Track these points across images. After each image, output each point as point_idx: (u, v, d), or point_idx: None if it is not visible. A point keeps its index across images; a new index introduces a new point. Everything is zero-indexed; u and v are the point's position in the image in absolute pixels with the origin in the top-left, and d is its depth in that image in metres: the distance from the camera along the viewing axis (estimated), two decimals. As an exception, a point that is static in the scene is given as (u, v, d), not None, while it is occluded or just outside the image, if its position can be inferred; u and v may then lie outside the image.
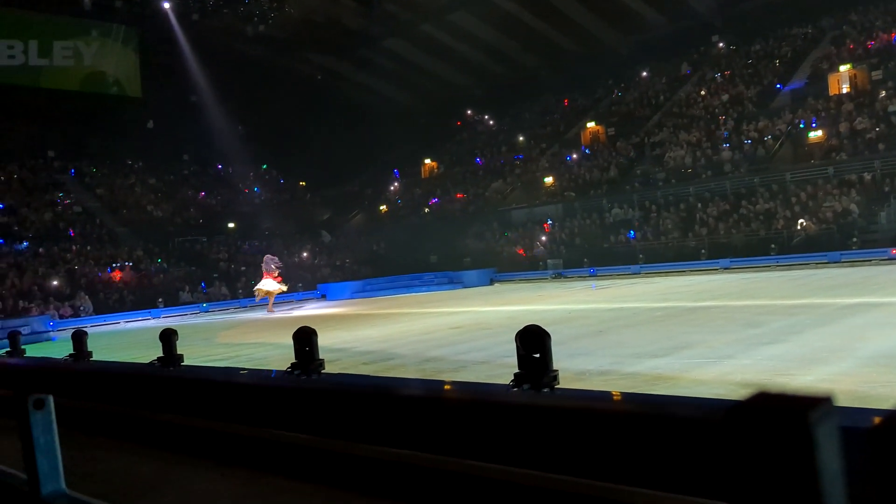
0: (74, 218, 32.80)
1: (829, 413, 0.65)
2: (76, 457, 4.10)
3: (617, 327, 10.65)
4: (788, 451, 0.64)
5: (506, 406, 0.96)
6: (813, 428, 0.63)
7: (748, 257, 22.96)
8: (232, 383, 1.82)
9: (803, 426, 0.64)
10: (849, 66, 28.11)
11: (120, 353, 12.78)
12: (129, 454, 4.27)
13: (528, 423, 0.93)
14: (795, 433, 0.64)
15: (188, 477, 3.72)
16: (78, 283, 26.78)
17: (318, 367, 4.25)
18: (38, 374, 2.00)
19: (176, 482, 3.66)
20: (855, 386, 5.41)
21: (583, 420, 0.84)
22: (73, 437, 4.48)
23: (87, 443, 4.44)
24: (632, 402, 1.05)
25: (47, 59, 36.10)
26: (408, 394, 1.43)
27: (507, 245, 31.13)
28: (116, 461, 4.18)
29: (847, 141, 25.10)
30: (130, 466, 4.04)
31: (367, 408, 1.45)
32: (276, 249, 32.49)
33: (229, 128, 40.53)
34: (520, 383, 3.35)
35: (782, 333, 8.44)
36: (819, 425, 0.63)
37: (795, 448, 0.64)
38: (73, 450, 4.24)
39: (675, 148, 30.58)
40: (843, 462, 0.63)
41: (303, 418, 1.66)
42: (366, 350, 10.33)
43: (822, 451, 0.63)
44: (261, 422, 1.96)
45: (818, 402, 0.65)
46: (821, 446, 0.63)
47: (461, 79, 45.39)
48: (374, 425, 1.46)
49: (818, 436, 0.63)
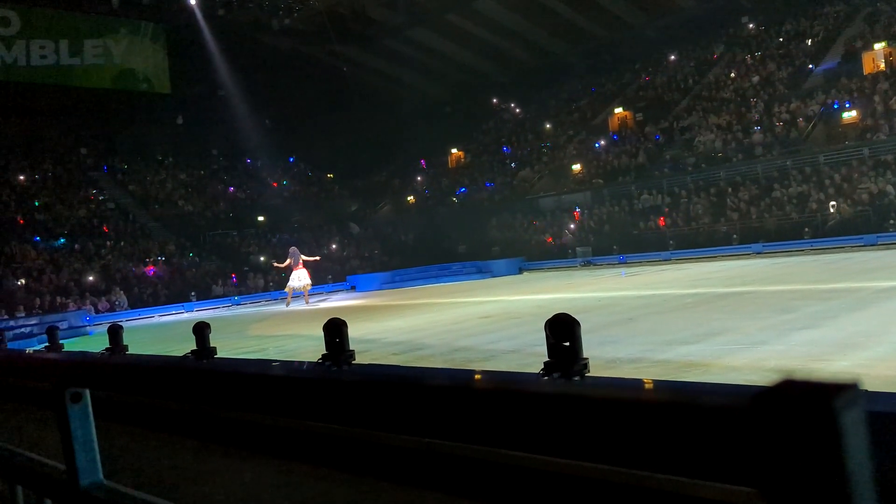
0: (108, 214, 33.39)
1: (856, 399, 0.64)
2: (114, 448, 4.20)
3: (647, 314, 10.57)
4: (814, 437, 0.64)
5: (530, 395, 0.97)
6: (838, 414, 0.62)
7: (781, 241, 22.58)
8: (264, 375, 1.85)
9: (828, 413, 0.64)
10: (884, 43, 27.41)
11: (155, 347, 13.01)
12: (165, 445, 4.36)
13: (556, 411, 0.94)
14: (821, 420, 0.64)
15: (224, 466, 3.79)
16: (113, 278, 27.27)
17: (349, 359, 4.29)
18: (74, 368, 2.05)
19: (212, 472, 3.73)
20: (891, 371, 5.32)
21: (609, 408, 0.84)
22: (111, 429, 4.59)
23: (124, 434, 4.54)
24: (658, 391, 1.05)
25: (78, 57, 36.71)
26: (437, 383, 1.44)
27: (535, 233, 31.01)
28: (153, 452, 4.27)
29: (882, 121, 24.52)
30: (167, 457, 4.12)
31: (396, 397, 1.47)
32: (305, 241, 32.75)
33: (257, 121, 40.88)
34: (549, 372, 3.35)
35: (816, 318, 8.31)
36: (845, 411, 0.63)
37: (821, 435, 0.63)
38: (111, 441, 4.33)
39: (704, 132, 30.14)
40: (871, 448, 0.63)
41: (334, 409, 1.68)
42: (395, 341, 10.39)
43: (849, 438, 0.62)
44: (293, 413, 1.99)
45: (844, 389, 0.64)
46: (847, 433, 0.62)
47: (487, 67, 45.21)
48: (403, 415, 1.47)
49: (844, 422, 0.62)
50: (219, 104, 40.36)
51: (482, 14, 38.88)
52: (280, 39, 39.65)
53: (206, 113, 40.59)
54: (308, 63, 42.13)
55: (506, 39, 41.49)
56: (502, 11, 38.65)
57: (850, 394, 0.64)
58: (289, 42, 40.30)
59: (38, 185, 34.00)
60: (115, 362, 2.71)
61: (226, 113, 40.14)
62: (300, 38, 40.33)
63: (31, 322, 20.90)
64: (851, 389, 0.65)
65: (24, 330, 19.88)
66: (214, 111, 40.60)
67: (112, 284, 26.63)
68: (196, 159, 40.52)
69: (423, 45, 42.32)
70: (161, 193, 36.57)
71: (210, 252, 31.91)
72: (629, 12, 38.95)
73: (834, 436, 0.63)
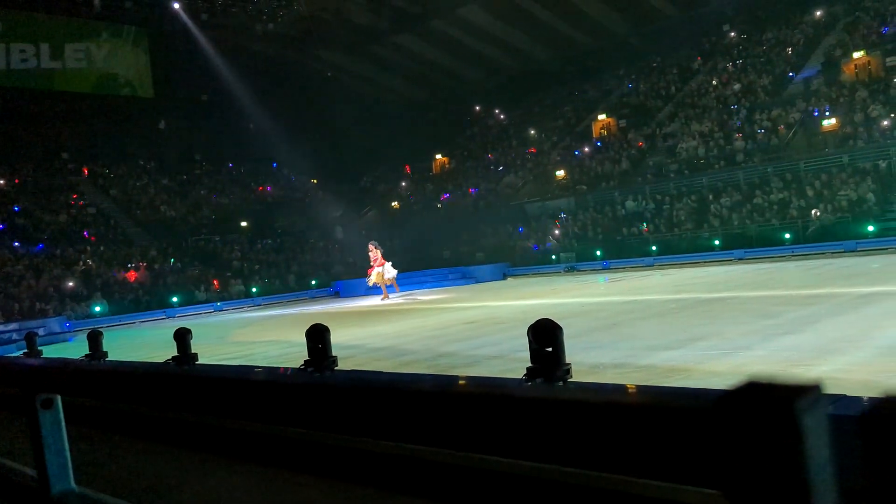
0: (89, 219, 33.07)
1: (818, 401, 0.64)
2: (95, 455, 4.15)
3: (631, 320, 10.61)
4: (776, 439, 0.64)
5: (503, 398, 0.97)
6: (800, 416, 0.62)
7: (763, 247, 22.80)
8: (245, 380, 1.83)
9: (790, 415, 0.64)
10: (862, 52, 27.79)
11: (136, 353, 12.89)
12: (146, 452, 4.31)
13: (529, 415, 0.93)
14: (782, 422, 0.64)
15: (204, 473, 3.75)
16: (94, 284, 27.00)
17: (332, 364, 4.27)
18: (45, 374, 2.02)
19: (192, 479, 3.69)
20: (871, 376, 5.37)
21: (578, 412, 0.84)
22: (93, 436, 4.53)
23: (105, 441, 4.48)
24: (625, 393, 1.05)
25: (59, 61, 36.41)
26: (420, 388, 1.44)
27: (519, 239, 31.08)
28: (133, 459, 4.22)
29: (862, 128, 24.85)
30: (146, 464, 4.08)
31: (379, 403, 1.46)
32: (293, 247, 32.67)
33: (240, 127, 40.71)
34: (532, 377, 3.35)
35: (798, 324, 8.38)
36: (806, 414, 0.63)
37: (782, 436, 0.63)
38: (92, 448, 4.28)
39: (687, 139, 30.40)
40: (832, 451, 0.62)
41: (316, 414, 1.67)
42: (379, 346, 10.35)
43: (810, 440, 0.62)
44: (274, 418, 1.97)
45: (806, 391, 0.64)
46: (808, 435, 0.62)
47: (471, 73, 45.34)
48: (386, 421, 1.46)
49: (805, 424, 0.62)
50: (202, 109, 40.17)
51: (467, 20, 39.02)
52: (264, 44, 39.56)
53: (189, 118, 40.39)
54: (292, 68, 42.06)
55: (490, 46, 41.67)
56: (487, 18, 38.81)
57: (812, 396, 0.64)
58: (273, 47, 40.21)
59: (18, 189, 33.63)
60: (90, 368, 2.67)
61: (209, 118, 39.95)
62: (284, 43, 40.26)
63: (10, 328, 20.64)
64: (813, 392, 0.65)
65: (3, 336, 19.63)
66: (197, 116, 40.40)
67: (93, 290, 26.37)
68: (179, 164, 40.27)
69: (407, 50, 42.39)
70: (143, 198, 36.30)
71: (192, 258, 31.69)
72: (612, 20, 39.24)
73: (795, 438, 0.63)
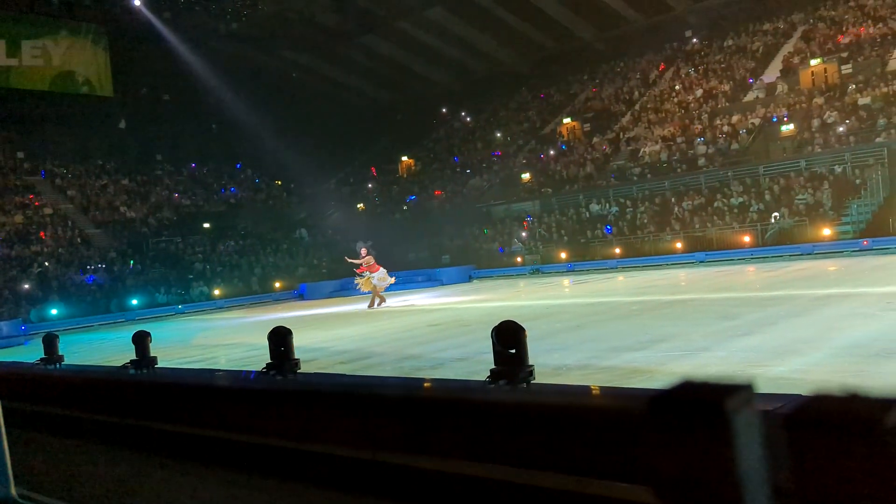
0: (46, 220, 32.27)
1: (750, 400, 0.65)
2: (51, 461, 4.03)
3: (595, 322, 10.71)
4: (707, 438, 0.64)
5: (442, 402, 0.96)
6: (731, 416, 0.62)
7: (723, 250, 23.20)
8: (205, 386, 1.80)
9: (720, 414, 0.64)
10: (819, 60, 28.48)
11: (93, 356, 12.61)
12: (103, 457, 4.21)
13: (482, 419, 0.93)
14: (713, 421, 0.64)
15: (163, 479, 3.67)
16: (50, 286, 26.37)
17: (294, 367, 4.22)
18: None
19: (150, 485, 3.60)
20: (827, 376, 5.48)
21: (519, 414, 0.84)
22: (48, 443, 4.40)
23: (61, 447, 4.36)
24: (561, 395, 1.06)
25: (16, 58, 35.52)
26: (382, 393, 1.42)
27: (485, 242, 31.16)
28: (89, 465, 4.11)
29: (818, 134, 25.44)
30: (103, 470, 3.98)
31: (337, 407, 1.44)
32: (257, 249, 32.23)
33: (203, 127, 40.13)
34: (496, 379, 3.34)
35: (757, 325, 8.53)
36: (738, 413, 0.63)
37: (714, 436, 0.63)
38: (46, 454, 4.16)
39: (650, 143, 30.82)
40: (764, 450, 0.62)
41: (276, 419, 1.64)
42: (343, 349, 10.28)
43: (741, 439, 0.62)
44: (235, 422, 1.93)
45: (737, 390, 0.65)
46: (739, 434, 0.62)
47: (437, 75, 45.36)
48: (348, 426, 1.44)
49: (736, 423, 0.62)
50: (164, 108, 39.52)
51: (433, 22, 39.02)
52: (228, 44, 39.03)
53: (151, 117, 39.69)
54: (257, 68, 41.60)
55: (456, 48, 41.73)
56: (453, 20, 38.87)
57: (743, 396, 0.65)
58: (237, 47, 39.70)
59: (-29, 189, 32.70)
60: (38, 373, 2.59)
61: (171, 117, 39.31)
62: (248, 42, 39.79)
63: (-38, 332, 20.05)
64: (745, 392, 0.65)
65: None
66: (159, 116, 39.73)
67: (49, 293, 25.75)
68: (139, 164, 39.50)
69: (373, 52, 42.26)
70: (102, 199, 35.54)
71: (153, 260, 31.13)
72: (578, 24, 39.61)
73: (726, 437, 0.63)
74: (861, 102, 25.38)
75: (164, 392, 1.77)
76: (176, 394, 1.75)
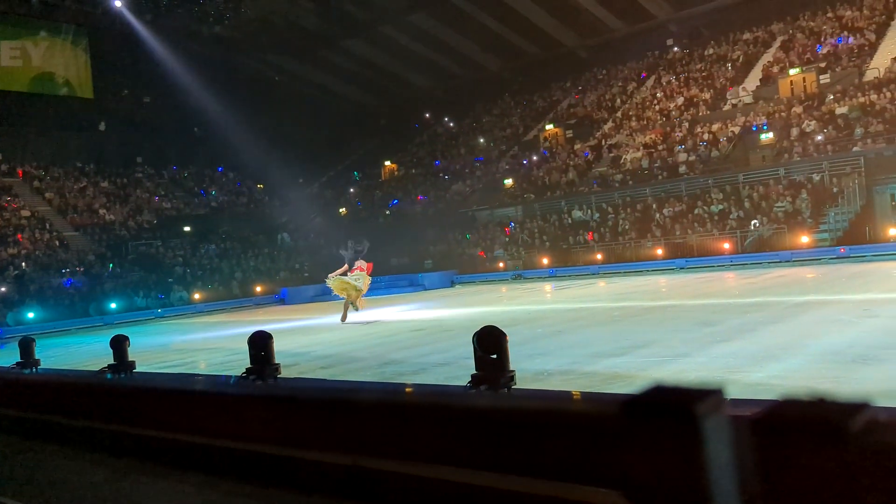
0: (23, 222, 31.83)
1: (720, 405, 0.66)
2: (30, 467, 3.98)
3: (576, 327, 10.75)
4: (677, 442, 0.65)
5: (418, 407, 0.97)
6: (701, 420, 0.63)
7: (703, 257, 23.40)
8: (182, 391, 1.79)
9: (691, 419, 0.65)
10: (798, 69, 28.87)
11: (71, 361, 12.46)
12: (81, 463, 4.16)
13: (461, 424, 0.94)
14: (683, 425, 0.65)
15: (141, 484, 3.64)
16: (27, 289, 26.02)
17: (274, 372, 4.20)
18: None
19: (127, 490, 3.57)
20: (804, 382, 5.55)
21: (499, 419, 0.85)
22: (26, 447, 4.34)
23: (39, 451, 4.31)
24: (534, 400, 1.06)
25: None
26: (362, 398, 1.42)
27: (468, 247, 31.19)
28: (65, 471, 4.06)
29: (797, 143, 25.76)
30: (79, 475, 3.93)
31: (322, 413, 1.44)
32: (238, 253, 31.98)
33: (185, 130, 39.84)
34: (477, 384, 3.35)
35: (736, 331, 8.61)
36: (707, 417, 0.64)
37: (684, 439, 0.64)
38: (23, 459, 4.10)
39: (631, 150, 31.05)
40: (733, 453, 0.63)
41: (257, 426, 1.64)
42: (325, 354, 10.24)
43: (711, 443, 0.63)
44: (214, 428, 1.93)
45: (707, 395, 0.66)
46: (709, 438, 0.63)
47: (421, 80, 45.42)
48: (329, 431, 1.44)
49: (706, 428, 0.63)
50: (145, 111, 39.20)
51: (417, 27, 39.09)
52: (210, 47, 38.84)
53: (131, 120, 39.36)
54: (239, 71, 41.41)
55: (440, 53, 41.83)
56: (437, 25, 38.96)
57: (713, 400, 0.66)
58: (219, 50, 39.52)
59: (-54, 190, 32.22)
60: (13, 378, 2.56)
61: (152, 120, 39.01)
62: (231, 46, 39.62)
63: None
64: (715, 396, 0.66)
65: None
66: (140, 118, 39.41)
67: (26, 296, 25.40)
68: (119, 167, 39.11)
69: (357, 56, 42.22)
70: (81, 202, 35.15)
71: (133, 263, 30.83)
72: (561, 31, 39.85)
73: (696, 441, 0.63)
74: (839, 112, 25.73)
75: (143, 397, 1.76)
76: (154, 398, 1.74)
